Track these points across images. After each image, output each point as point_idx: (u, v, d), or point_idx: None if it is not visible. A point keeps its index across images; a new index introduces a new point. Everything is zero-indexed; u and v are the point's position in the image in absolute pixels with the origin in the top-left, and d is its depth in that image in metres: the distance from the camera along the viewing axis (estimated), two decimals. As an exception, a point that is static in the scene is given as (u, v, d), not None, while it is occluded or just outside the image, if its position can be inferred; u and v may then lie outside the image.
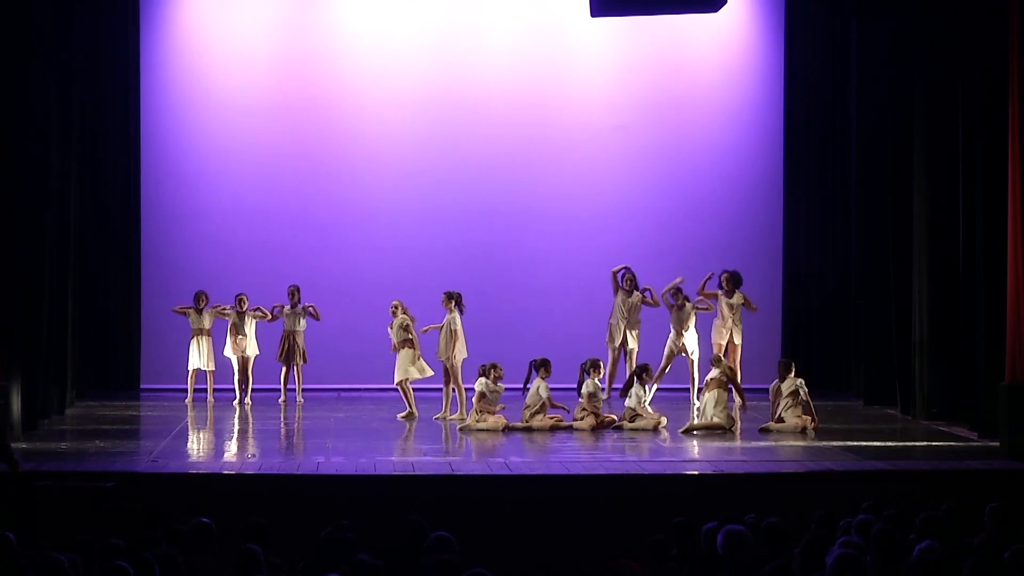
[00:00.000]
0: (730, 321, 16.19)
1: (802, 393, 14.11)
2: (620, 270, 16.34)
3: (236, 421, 15.21)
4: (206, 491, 11.03)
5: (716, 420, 14.02)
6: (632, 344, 16.12)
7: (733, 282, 16.31)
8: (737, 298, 16.28)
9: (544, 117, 18.22)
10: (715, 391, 14.16)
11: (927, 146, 15.09)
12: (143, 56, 17.82)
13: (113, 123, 17.64)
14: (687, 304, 16.19)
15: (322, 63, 18.23)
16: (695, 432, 13.95)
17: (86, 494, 10.72)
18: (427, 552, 7.18)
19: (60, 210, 15.56)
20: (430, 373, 15.25)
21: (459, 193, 18.16)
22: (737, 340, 16.14)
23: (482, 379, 14.32)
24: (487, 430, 14.12)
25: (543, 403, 14.27)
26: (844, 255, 18.07)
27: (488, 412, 14.27)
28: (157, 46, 17.95)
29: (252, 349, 16.39)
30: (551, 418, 14.34)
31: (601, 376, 14.79)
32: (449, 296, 15.08)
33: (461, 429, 14.27)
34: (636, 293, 16.17)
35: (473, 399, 14.37)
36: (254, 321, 16.39)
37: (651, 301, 16.29)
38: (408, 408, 15.19)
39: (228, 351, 16.35)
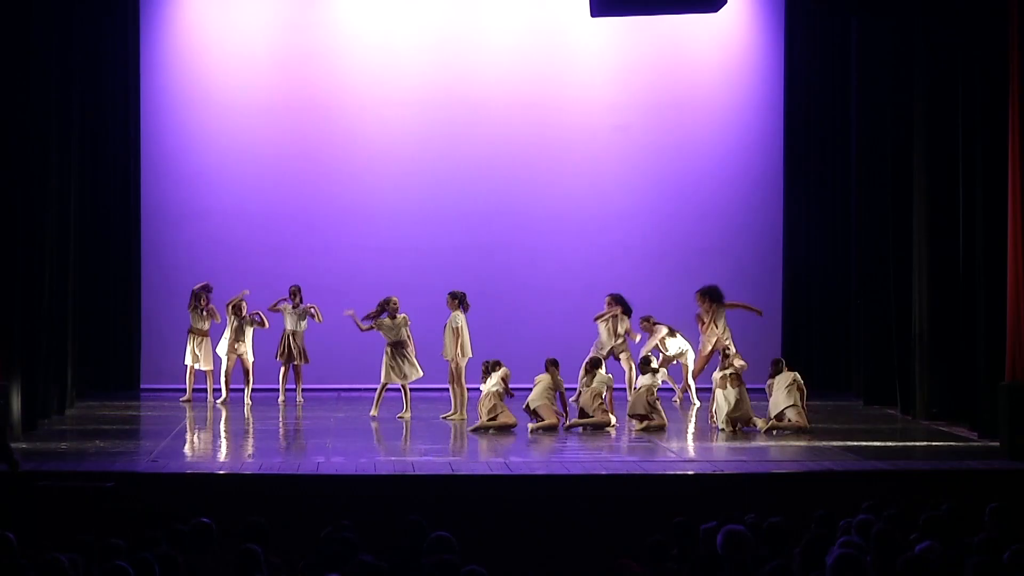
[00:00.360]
0: (713, 335, 16.01)
1: (798, 384, 14.10)
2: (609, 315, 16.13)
3: (236, 421, 15.20)
4: (206, 491, 11.03)
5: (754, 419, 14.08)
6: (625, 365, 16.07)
7: (702, 298, 16.10)
8: (715, 312, 16.05)
9: (544, 117, 18.23)
10: (737, 387, 14.13)
11: (927, 146, 15.09)
12: (143, 56, 17.83)
13: (113, 123, 17.65)
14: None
15: (322, 63, 18.24)
16: (737, 429, 13.98)
17: (86, 494, 10.71)
18: (427, 552, 7.19)
19: (60, 210, 15.55)
20: (420, 374, 15.26)
21: (459, 193, 18.16)
22: (731, 349, 16.04)
23: (505, 370, 14.30)
24: (503, 426, 14.08)
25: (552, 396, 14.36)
26: (844, 255, 18.07)
27: (500, 410, 14.25)
28: (157, 46, 17.95)
29: (249, 355, 16.35)
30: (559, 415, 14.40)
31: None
32: (453, 296, 15.08)
33: (473, 430, 14.20)
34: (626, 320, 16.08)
35: (490, 392, 14.25)
36: (252, 327, 16.38)
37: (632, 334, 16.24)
38: (375, 407, 15.19)
39: (222, 350, 16.32)
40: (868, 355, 16.90)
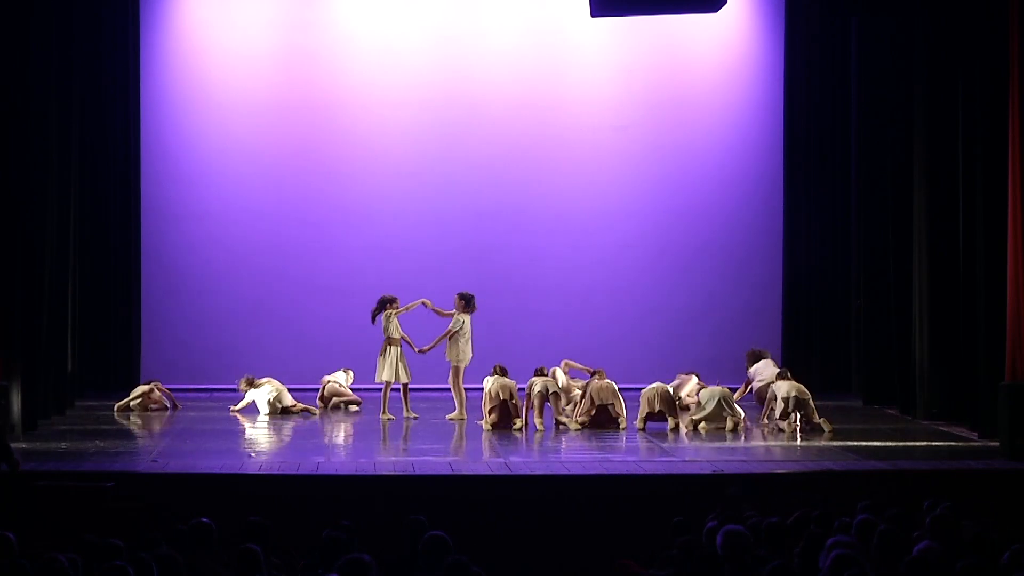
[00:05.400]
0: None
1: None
2: None
3: (237, 422, 15.19)
4: (206, 491, 11.02)
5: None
6: None
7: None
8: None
9: (544, 117, 18.21)
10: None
11: (927, 146, 15.09)
12: (143, 56, 17.81)
13: (112, 123, 17.62)
14: None
15: (322, 63, 18.23)
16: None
17: (86, 494, 10.71)
18: (423, 552, 7.19)
19: (60, 210, 15.55)
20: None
21: (459, 193, 18.15)
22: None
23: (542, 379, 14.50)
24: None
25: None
26: (844, 255, 18.06)
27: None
28: (157, 46, 17.94)
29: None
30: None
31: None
32: (461, 297, 15.10)
33: (572, 430, 14.22)
34: None
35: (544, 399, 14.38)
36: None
37: None
38: (384, 409, 15.15)
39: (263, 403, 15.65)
40: (868, 355, 16.90)
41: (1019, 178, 12.75)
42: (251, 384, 15.57)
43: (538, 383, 14.35)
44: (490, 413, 14.32)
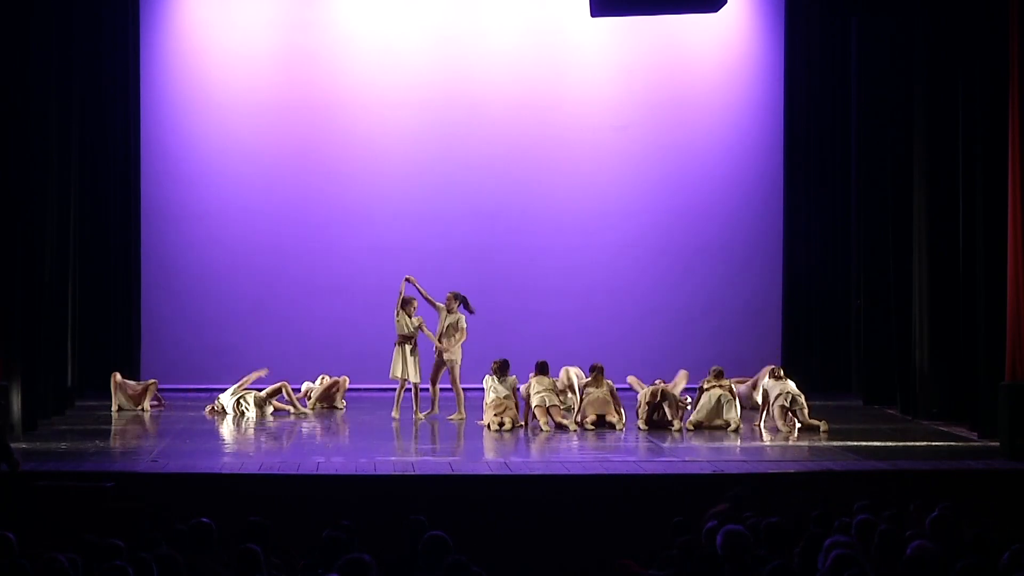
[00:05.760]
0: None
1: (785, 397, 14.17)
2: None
3: (237, 422, 15.18)
4: (206, 491, 11.02)
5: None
6: None
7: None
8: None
9: (544, 117, 18.22)
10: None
11: (927, 146, 15.10)
12: (143, 56, 17.81)
13: (112, 123, 17.62)
14: None
15: (322, 63, 18.23)
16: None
17: (86, 494, 10.70)
18: (423, 552, 7.19)
19: (60, 210, 15.56)
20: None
21: (459, 193, 18.16)
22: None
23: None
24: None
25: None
26: (844, 255, 18.07)
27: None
28: (157, 46, 17.95)
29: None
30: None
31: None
32: (456, 297, 15.10)
33: (572, 431, 14.18)
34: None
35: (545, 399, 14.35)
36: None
37: None
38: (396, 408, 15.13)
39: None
40: (868, 355, 16.90)
41: (1019, 178, 12.75)
42: (215, 411, 15.47)
43: (536, 396, 14.29)
44: (494, 414, 14.29)
